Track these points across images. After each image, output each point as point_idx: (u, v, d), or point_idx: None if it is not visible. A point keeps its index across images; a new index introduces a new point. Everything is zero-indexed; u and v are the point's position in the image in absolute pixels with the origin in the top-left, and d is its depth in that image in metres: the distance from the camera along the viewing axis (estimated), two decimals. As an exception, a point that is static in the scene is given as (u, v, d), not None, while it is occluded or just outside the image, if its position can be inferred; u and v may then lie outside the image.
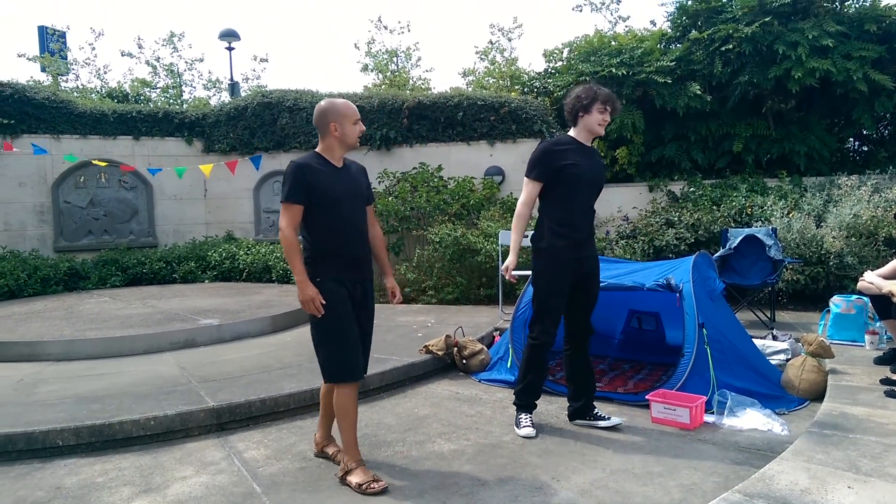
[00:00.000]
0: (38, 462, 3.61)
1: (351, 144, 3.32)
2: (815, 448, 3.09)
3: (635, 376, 5.04)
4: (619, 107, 3.91)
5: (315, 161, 3.26)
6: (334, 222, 3.22)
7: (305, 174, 3.16)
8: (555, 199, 3.79)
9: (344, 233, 3.25)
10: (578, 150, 3.79)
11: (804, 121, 8.86)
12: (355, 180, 3.37)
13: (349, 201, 3.27)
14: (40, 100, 10.11)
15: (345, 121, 3.27)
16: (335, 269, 3.22)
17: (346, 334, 3.22)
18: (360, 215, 3.35)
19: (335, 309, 3.18)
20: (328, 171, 3.25)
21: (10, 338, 5.88)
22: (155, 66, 18.03)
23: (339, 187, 3.24)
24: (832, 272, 6.92)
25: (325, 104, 3.30)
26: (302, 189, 3.15)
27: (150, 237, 10.86)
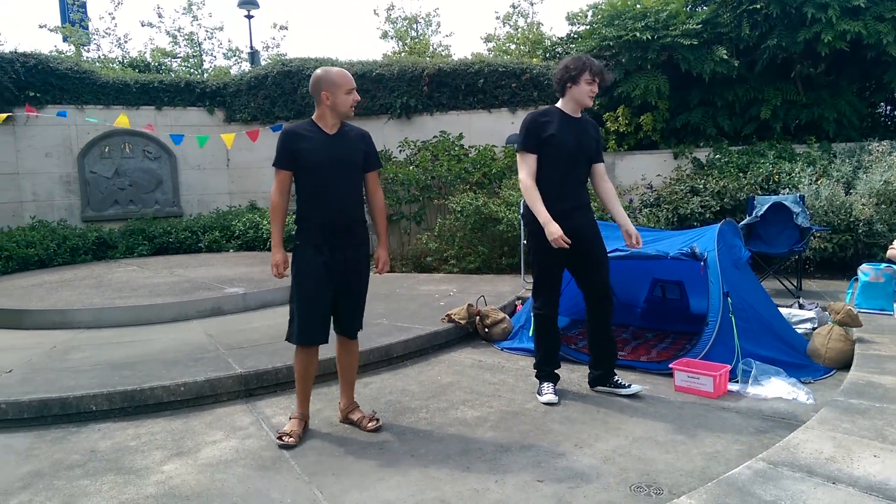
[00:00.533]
0: (73, 426, 3.72)
1: (343, 113, 3.38)
2: (841, 417, 3.07)
3: (658, 345, 5.03)
4: (609, 77, 3.89)
5: (305, 128, 3.36)
6: (315, 189, 3.32)
7: (291, 140, 3.30)
8: (540, 171, 3.79)
9: (324, 199, 3.32)
10: (564, 121, 3.78)
11: (834, 85, 8.63)
12: (347, 147, 3.40)
13: (333, 168, 3.33)
14: (63, 70, 10.18)
15: (337, 90, 3.32)
16: (313, 236, 3.33)
17: (309, 302, 3.34)
18: (347, 183, 3.38)
19: (304, 276, 3.33)
20: (316, 138, 3.33)
21: (42, 306, 6.02)
22: (175, 35, 18.01)
23: (323, 154, 3.31)
24: (861, 240, 6.81)
25: (319, 72, 3.37)
26: (287, 155, 3.30)
27: (174, 207, 10.98)
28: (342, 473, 3.02)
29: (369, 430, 3.51)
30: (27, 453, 3.38)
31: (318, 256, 3.31)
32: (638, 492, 2.75)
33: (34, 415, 3.74)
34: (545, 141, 3.74)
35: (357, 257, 3.45)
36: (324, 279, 3.33)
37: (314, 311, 3.37)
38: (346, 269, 3.40)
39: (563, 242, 3.65)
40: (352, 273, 3.43)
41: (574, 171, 3.83)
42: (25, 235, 8.96)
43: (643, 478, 2.87)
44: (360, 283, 3.50)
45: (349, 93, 3.35)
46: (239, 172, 11.34)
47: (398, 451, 3.25)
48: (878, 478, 2.45)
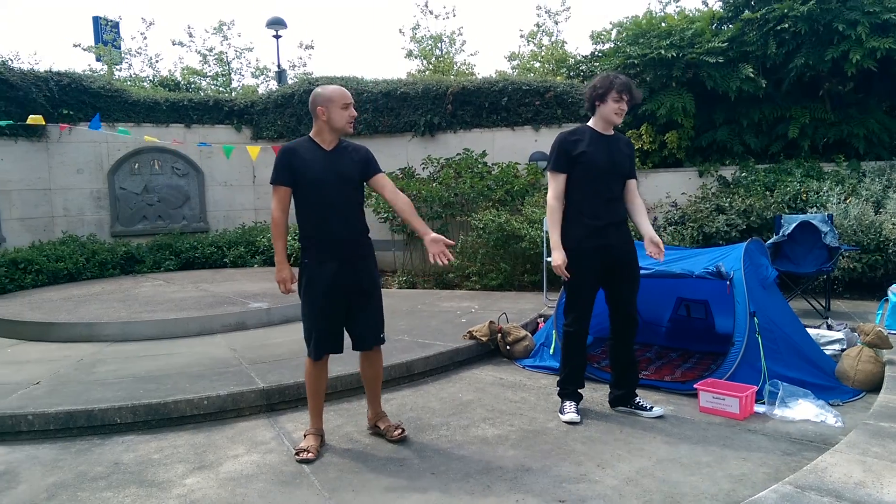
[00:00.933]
0: (98, 438, 3.77)
1: (338, 129, 3.40)
2: (871, 440, 3.00)
3: (683, 365, 4.97)
4: (638, 95, 3.86)
5: (303, 145, 3.40)
6: (314, 205, 3.36)
7: (289, 157, 3.34)
8: (572, 189, 3.82)
9: (324, 215, 3.36)
10: (594, 139, 3.79)
11: (863, 103, 8.52)
12: (345, 163, 3.41)
13: (332, 185, 3.35)
14: (96, 89, 10.42)
15: (332, 105, 3.35)
16: (317, 251, 3.37)
17: (319, 317, 3.39)
18: (346, 197, 3.40)
19: (312, 291, 3.38)
20: (314, 156, 3.37)
21: (70, 319, 6.13)
22: (206, 54, 18.38)
23: (321, 170, 3.34)
24: (891, 260, 6.67)
25: (317, 90, 3.41)
26: (285, 171, 3.33)
27: (201, 222, 11.13)
28: (362, 490, 3.02)
29: (395, 438, 3.56)
30: (53, 464, 3.42)
31: (325, 271, 3.35)
32: (661, 514, 2.70)
33: (60, 426, 3.79)
34: (576, 159, 3.76)
35: (363, 269, 3.47)
36: (332, 294, 3.37)
37: (325, 326, 3.41)
38: (355, 283, 3.43)
39: (563, 273, 3.73)
40: (361, 285, 3.45)
41: (607, 188, 3.81)
42: (55, 249, 9.13)
43: (667, 500, 2.83)
44: (370, 294, 3.50)
45: (345, 108, 3.37)
46: (265, 189, 11.46)
47: (418, 469, 3.24)
48: (909, 504, 2.38)
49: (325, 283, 3.35)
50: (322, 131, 3.41)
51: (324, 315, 3.39)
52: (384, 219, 9.51)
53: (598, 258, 3.77)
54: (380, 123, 10.45)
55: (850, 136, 8.36)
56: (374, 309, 3.54)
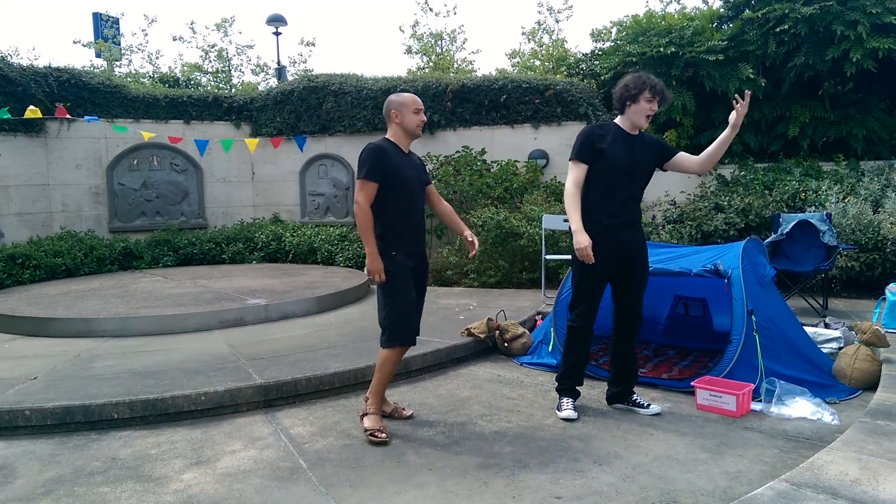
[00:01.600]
0: (95, 434, 3.77)
1: (411, 131, 3.68)
2: (867, 438, 3.01)
3: (680, 363, 4.97)
4: (669, 96, 3.83)
5: (389, 145, 3.64)
6: (403, 202, 3.61)
7: (382, 156, 3.54)
8: (590, 184, 3.78)
9: (410, 212, 3.65)
10: (620, 138, 3.75)
11: (863, 102, 8.52)
12: (417, 166, 3.78)
13: (414, 185, 3.67)
14: (95, 84, 10.40)
15: (404, 109, 3.63)
16: (403, 244, 3.62)
17: (407, 303, 3.63)
18: (421, 197, 3.76)
19: (402, 279, 3.60)
20: (399, 156, 3.63)
21: (68, 314, 6.12)
22: (207, 50, 18.34)
23: (408, 171, 3.63)
24: (889, 259, 6.69)
25: (391, 96, 3.71)
26: (379, 169, 3.51)
27: (200, 219, 11.12)
28: (359, 486, 3.02)
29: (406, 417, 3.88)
30: (50, 459, 3.43)
31: (408, 264, 3.63)
32: (657, 511, 2.71)
33: (57, 421, 3.79)
34: (598, 153, 3.72)
35: (426, 263, 3.84)
36: (412, 283, 3.67)
37: (412, 313, 3.68)
38: (422, 275, 3.78)
39: (588, 255, 3.64)
40: (424, 278, 3.82)
41: (626, 187, 3.78)
42: (53, 245, 9.12)
43: (663, 497, 2.83)
44: (424, 288, 3.84)
45: (416, 113, 3.66)
46: (263, 185, 11.46)
47: (416, 465, 3.24)
48: (905, 501, 2.39)
49: (409, 274, 3.63)
50: (398, 135, 3.67)
51: (411, 304, 3.66)
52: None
53: (609, 255, 3.75)
54: (379, 120, 10.42)
55: (850, 135, 8.36)
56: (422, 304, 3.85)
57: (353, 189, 10.66)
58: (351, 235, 10.06)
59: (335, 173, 10.92)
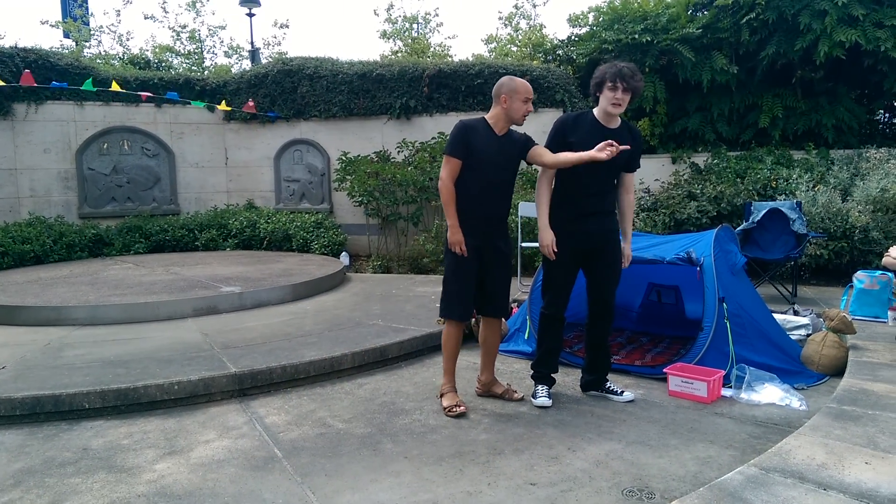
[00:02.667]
0: (66, 424, 3.72)
1: (514, 119, 3.69)
2: (834, 424, 3.08)
3: (653, 349, 5.04)
4: (637, 85, 3.67)
5: (480, 124, 3.69)
6: (476, 182, 3.65)
7: (468, 133, 3.62)
8: (563, 174, 3.80)
9: (483, 192, 3.67)
10: (592, 129, 3.72)
11: (833, 92, 8.65)
12: (511, 150, 3.73)
13: (497, 166, 3.68)
14: (63, 66, 10.15)
15: (516, 96, 3.63)
16: (469, 223, 3.67)
17: (466, 282, 3.73)
18: (506, 181, 3.77)
19: (463, 259, 3.69)
20: (487, 136, 3.67)
21: (37, 302, 6.01)
22: (178, 31, 18.00)
23: (492, 152, 3.65)
24: (856, 247, 6.82)
25: (505, 78, 3.70)
26: (462, 146, 3.61)
27: (172, 205, 10.95)
28: (335, 474, 3.02)
29: (517, 400, 3.94)
30: (19, 450, 3.37)
31: (472, 241, 3.68)
32: (630, 496, 2.75)
33: (27, 412, 3.73)
34: (568, 146, 3.70)
35: (504, 246, 3.84)
36: (475, 264, 3.72)
37: (467, 291, 3.75)
38: (495, 257, 3.78)
39: (550, 253, 3.77)
40: (499, 260, 3.81)
41: (594, 180, 3.76)
42: (22, 231, 8.93)
43: (635, 482, 2.88)
44: (505, 269, 3.88)
45: (525, 102, 3.65)
46: (237, 171, 11.32)
47: (391, 453, 3.25)
48: (868, 485, 2.45)
49: (471, 252, 3.68)
50: (499, 117, 3.68)
51: (468, 282, 3.74)
52: (359, 203, 9.47)
53: (574, 242, 3.78)
54: (355, 105, 10.34)
55: (820, 125, 8.50)
56: (505, 282, 3.89)
57: (329, 175, 10.59)
58: (326, 223, 10.00)
59: (310, 159, 10.82)
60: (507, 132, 3.74)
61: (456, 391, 3.86)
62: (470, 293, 3.78)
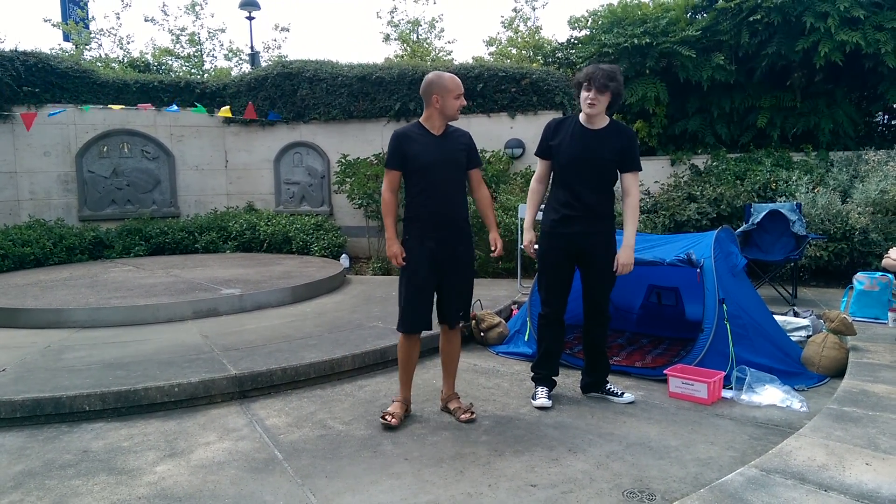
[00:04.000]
0: (66, 426, 3.71)
1: (450, 116, 3.60)
2: (834, 425, 3.08)
3: (653, 351, 5.04)
4: (609, 84, 3.61)
5: (414, 130, 3.61)
6: (421, 187, 3.57)
7: (401, 143, 3.55)
8: (553, 177, 3.93)
9: (429, 197, 3.57)
10: (575, 132, 3.76)
11: (831, 94, 8.66)
12: (452, 148, 3.63)
13: (440, 168, 3.57)
14: (63, 69, 10.16)
15: (447, 94, 3.54)
16: (419, 230, 3.60)
17: (417, 292, 3.60)
18: (452, 181, 3.63)
19: (412, 268, 3.59)
20: (424, 140, 3.58)
21: (37, 305, 6.01)
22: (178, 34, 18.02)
23: (431, 155, 3.55)
24: (856, 248, 6.83)
25: (432, 76, 3.58)
26: (398, 156, 3.55)
27: (172, 207, 10.96)
28: (335, 476, 3.02)
29: (462, 421, 3.66)
30: (19, 452, 3.37)
31: (424, 249, 3.57)
32: (630, 497, 2.75)
33: (27, 414, 3.73)
34: (552, 148, 3.83)
35: (461, 251, 3.68)
36: (429, 271, 3.59)
37: (420, 301, 3.61)
38: (451, 263, 3.64)
39: (530, 253, 3.91)
40: (456, 266, 3.66)
41: (577, 180, 3.76)
42: (22, 234, 8.93)
43: (636, 483, 2.87)
44: (464, 275, 3.72)
45: (458, 98, 3.56)
46: (237, 173, 11.32)
47: (392, 454, 3.25)
48: (869, 486, 2.45)
49: (423, 261, 3.57)
50: (432, 117, 3.60)
51: (420, 292, 3.60)
52: (358, 205, 9.47)
53: (563, 244, 3.81)
54: (354, 108, 10.35)
55: (818, 127, 8.51)
56: (467, 288, 3.77)
57: (329, 178, 10.59)
58: (326, 225, 10.00)
59: (310, 161, 10.82)
60: (445, 131, 3.63)
61: (404, 403, 3.72)
62: (423, 304, 3.61)
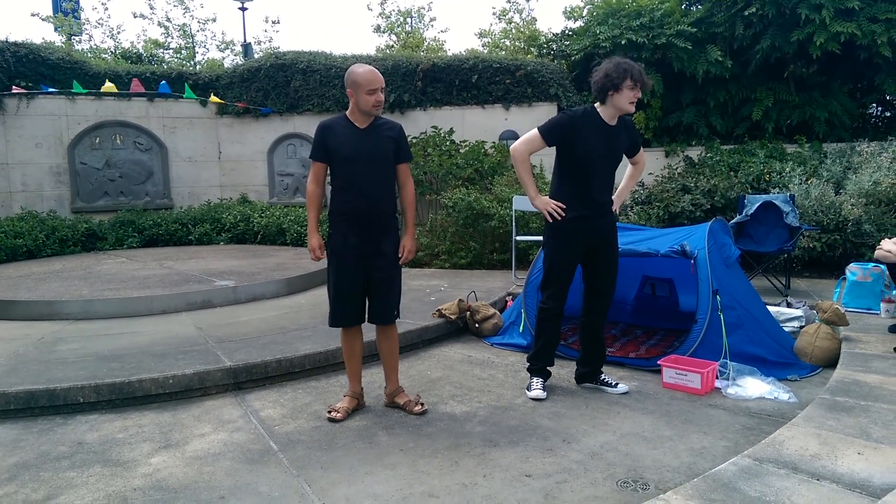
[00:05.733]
0: (60, 418, 3.70)
1: (364, 112, 3.49)
2: (826, 414, 3.10)
3: (647, 342, 5.06)
4: (649, 83, 3.79)
5: (339, 122, 3.54)
6: (344, 180, 3.51)
7: (325, 135, 3.50)
8: (566, 173, 3.81)
9: (352, 191, 3.49)
10: (599, 130, 3.72)
11: (826, 85, 8.68)
12: (377, 141, 3.52)
13: (362, 162, 3.48)
14: (55, 60, 10.10)
15: (358, 90, 3.44)
16: (343, 224, 3.53)
17: (340, 286, 3.55)
18: (376, 175, 3.52)
19: (335, 262, 3.55)
20: (347, 133, 3.49)
21: (30, 297, 5.98)
22: (167, 26, 17.89)
23: (353, 148, 3.47)
24: (849, 240, 6.85)
25: (350, 70, 3.50)
26: (321, 148, 3.51)
27: (165, 199, 10.92)
28: (330, 467, 3.02)
29: (416, 414, 3.63)
30: (13, 445, 3.36)
31: (347, 245, 3.50)
32: (625, 487, 2.77)
33: (21, 406, 3.72)
34: (574, 147, 3.70)
35: (386, 246, 3.58)
36: (352, 265, 3.52)
37: (344, 295, 3.56)
38: (376, 258, 3.55)
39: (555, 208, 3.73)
40: (380, 262, 3.56)
41: (600, 178, 3.79)
42: (14, 226, 8.88)
43: (630, 473, 2.89)
44: (389, 271, 3.60)
45: (370, 93, 3.44)
46: (231, 165, 11.29)
47: (387, 445, 3.25)
48: (861, 475, 2.47)
49: (346, 255, 3.51)
50: (355, 111, 3.52)
51: (344, 286, 3.55)
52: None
53: (581, 237, 3.80)
54: (348, 99, 10.30)
55: (813, 118, 8.53)
56: (392, 285, 3.64)
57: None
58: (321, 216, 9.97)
59: (304, 153, 10.79)
60: (372, 123, 3.53)
61: (354, 397, 3.71)
62: (350, 298, 3.56)
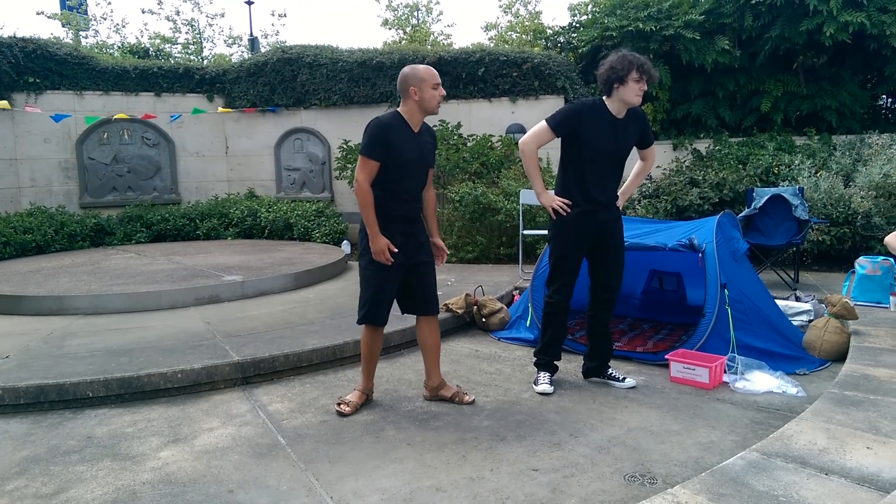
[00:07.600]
0: (70, 412, 3.73)
1: (430, 109, 3.47)
2: (835, 409, 3.08)
3: (655, 336, 5.04)
4: (656, 75, 3.75)
5: (397, 122, 3.45)
6: (399, 183, 3.45)
7: (388, 133, 3.37)
8: (572, 165, 3.78)
9: (405, 193, 3.49)
10: (606, 123, 3.69)
11: (836, 76, 8.61)
12: (425, 146, 3.56)
13: (416, 165, 3.49)
14: (63, 56, 10.13)
15: (424, 85, 3.40)
16: (391, 225, 3.47)
17: (384, 286, 3.52)
18: (423, 178, 3.58)
19: (376, 263, 3.46)
20: (406, 134, 3.44)
21: (39, 292, 6.02)
22: (175, 20, 17.92)
23: (412, 151, 3.45)
24: (859, 233, 6.81)
25: (407, 69, 3.46)
26: (380, 146, 3.36)
27: (173, 194, 10.95)
28: (338, 461, 3.03)
29: (467, 404, 3.69)
30: (24, 439, 3.39)
31: (399, 244, 3.47)
32: (632, 481, 2.76)
33: (31, 400, 3.75)
34: (581, 139, 3.67)
35: (426, 243, 3.66)
36: (395, 267, 3.49)
37: (386, 295, 3.56)
38: (419, 255, 3.59)
39: (560, 203, 3.72)
40: (423, 257, 3.62)
41: (607, 171, 3.78)
42: (23, 221, 8.94)
43: (637, 467, 2.89)
44: (431, 265, 3.68)
45: (436, 88, 3.43)
46: (238, 160, 11.30)
47: (394, 440, 3.26)
48: (870, 469, 2.46)
49: (395, 256, 3.45)
50: (413, 112, 3.46)
51: (389, 288, 3.54)
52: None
53: (586, 230, 3.78)
54: (355, 94, 10.32)
55: (823, 108, 8.46)
56: (432, 276, 3.69)
57: (329, 164, 10.56)
58: (327, 211, 9.99)
59: (311, 148, 10.80)
60: (420, 128, 3.52)
61: (364, 393, 3.72)
62: (386, 298, 3.56)
